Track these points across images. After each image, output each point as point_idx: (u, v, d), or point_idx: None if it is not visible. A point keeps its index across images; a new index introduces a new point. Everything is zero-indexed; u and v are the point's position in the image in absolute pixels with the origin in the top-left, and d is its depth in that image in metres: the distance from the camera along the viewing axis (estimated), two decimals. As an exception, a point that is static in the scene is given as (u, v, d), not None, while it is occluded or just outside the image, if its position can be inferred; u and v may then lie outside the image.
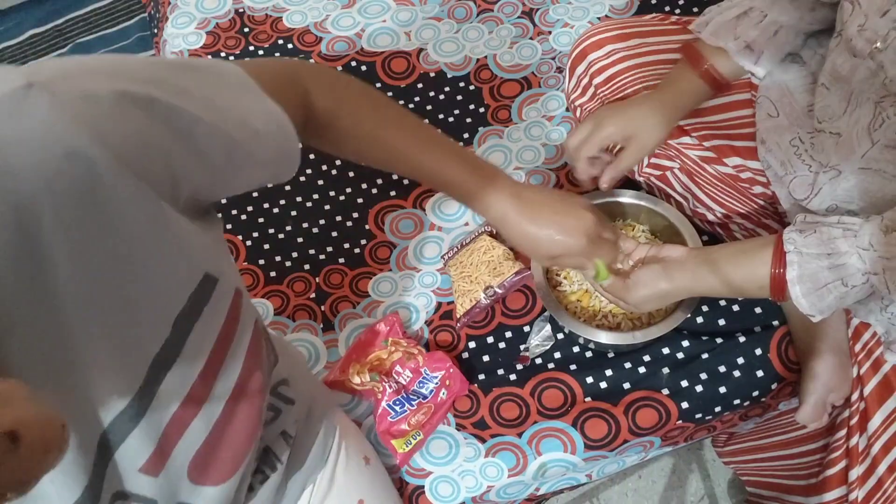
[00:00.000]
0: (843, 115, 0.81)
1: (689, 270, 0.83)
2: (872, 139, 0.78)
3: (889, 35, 0.72)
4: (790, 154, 0.92)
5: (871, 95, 0.77)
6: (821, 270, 0.73)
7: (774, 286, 0.76)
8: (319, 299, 1.11)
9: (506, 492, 1.00)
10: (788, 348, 1.02)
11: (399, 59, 1.33)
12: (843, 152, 0.82)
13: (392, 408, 0.97)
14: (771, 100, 0.96)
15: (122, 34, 2.00)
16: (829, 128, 0.84)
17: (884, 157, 0.77)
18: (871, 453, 0.90)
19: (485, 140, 1.24)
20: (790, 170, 0.92)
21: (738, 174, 0.99)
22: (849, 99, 0.80)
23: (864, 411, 0.91)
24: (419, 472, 0.98)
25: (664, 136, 0.93)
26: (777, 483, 1.13)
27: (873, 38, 0.73)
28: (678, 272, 0.83)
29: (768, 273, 0.76)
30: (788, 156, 0.92)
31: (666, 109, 0.93)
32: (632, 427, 0.99)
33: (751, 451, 1.19)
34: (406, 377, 1.00)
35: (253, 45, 1.36)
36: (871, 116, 0.77)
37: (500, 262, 1.04)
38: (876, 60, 0.74)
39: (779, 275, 0.75)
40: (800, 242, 0.74)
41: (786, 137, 0.93)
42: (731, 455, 1.27)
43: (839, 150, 0.83)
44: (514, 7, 1.37)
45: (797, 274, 0.74)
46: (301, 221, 1.18)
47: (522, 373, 1.03)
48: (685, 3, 1.34)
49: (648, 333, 0.94)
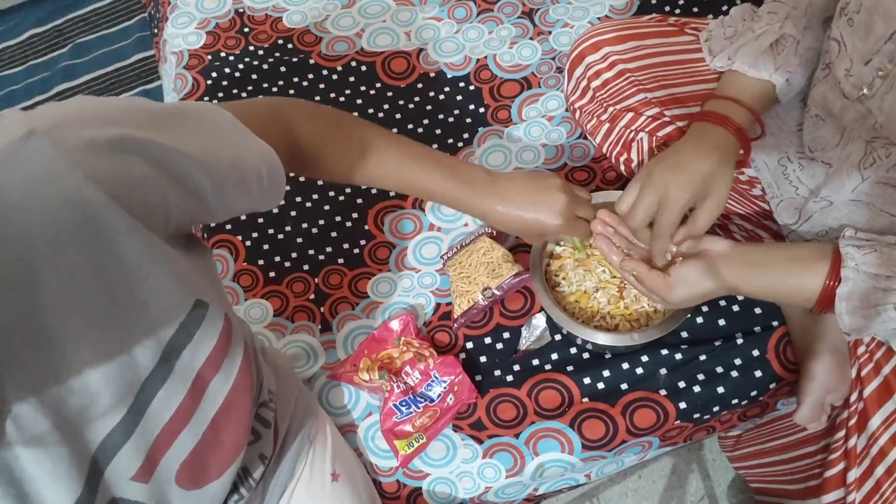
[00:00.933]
0: (836, 148, 0.81)
1: (737, 271, 0.78)
2: (863, 175, 0.77)
3: (874, 83, 0.71)
4: (778, 175, 0.91)
5: (862, 134, 0.76)
6: (874, 291, 0.70)
7: (823, 299, 0.73)
8: (319, 300, 1.11)
9: (504, 492, 1.01)
10: (787, 349, 1.02)
11: (399, 59, 1.33)
12: (833, 184, 0.82)
13: (398, 408, 0.97)
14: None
15: (122, 34, 2.00)
16: (822, 157, 0.83)
17: (874, 191, 0.77)
18: (869, 454, 0.90)
19: (485, 140, 1.24)
20: (776, 192, 0.92)
21: (737, 175, 0.99)
22: (842, 133, 0.80)
23: (864, 412, 0.91)
24: (417, 473, 0.98)
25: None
26: (777, 489, 1.13)
27: (859, 84, 0.73)
28: (725, 269, 0.78)
29: (821, 285, 0.73)
30: (777, 177, 0.92)
31: (728, 154, 0.84)
32: (630, 427, 0.99)
33: (755, 455, 1.19)
34: (415, 378, 0.99)
35: (253, 45, 1.36)
36: (862, 154, 0.77)
37: (500, 264, 1.04)
38: (865, 105, 0.73)
39: (830, 288, 0.72)
40: (859, 259, 0.71)
41: (773, 157, 0.92)
42: (739, 460, 1.26)
43: (830, 182, 0.82)
44: (514, 7, 1.37)
45: (848, 290, 0.71)
46: (300, 222, 1.18)
47: (519, 374, 1.03)
48: (685, 3, 1.34)
49: (647, 335, 0.94)
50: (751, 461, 1.21)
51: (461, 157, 1.23)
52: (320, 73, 1.32)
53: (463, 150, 1.24)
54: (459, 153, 1.23)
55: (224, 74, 1.32)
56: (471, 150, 1.24)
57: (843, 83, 0.75)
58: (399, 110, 1.29)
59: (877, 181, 0.76)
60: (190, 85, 1.31)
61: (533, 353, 1.04)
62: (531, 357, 1.04)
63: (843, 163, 0.80)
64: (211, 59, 1.34)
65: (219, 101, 1.29)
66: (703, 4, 1.33)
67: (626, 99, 1.04)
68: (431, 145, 1.24)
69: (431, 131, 1.26)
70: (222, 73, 1.32)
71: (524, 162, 1.21)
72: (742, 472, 1.29)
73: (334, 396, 1.03)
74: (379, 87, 1.31)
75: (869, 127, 0.75)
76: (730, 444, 1.27)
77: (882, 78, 0.70)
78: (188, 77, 1.32)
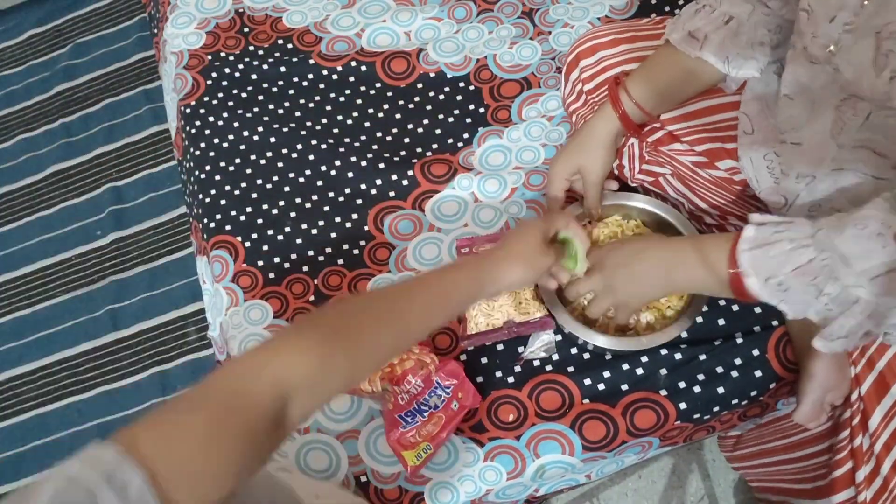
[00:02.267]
0: (806, 126, 0.82)
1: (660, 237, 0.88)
2: (837, 143, 0.78)
3: (840, 39, 0.73)
4: (762, 169, 0.92)
5: (832, 101, 0.77)
6: (773, 230, 0.72)
7: (730, 258, 0.75)
8: (318, 301, 1.11)
9: (505, 493, 1.00)
10: (786, 348, 1.02)
11: (399, 59, 1.33)
12: (811, 161, 0.82)
13: (403, 418, 0.96)
14: (749, 116, 0.96)
15: (122, 34, 2.00)
16: (791, 138, 0.84)
17: (853, 156, 0.78)
18: (874, 452, 0.90)
19: (485, 140, 1.24)
20: (756, 185, 0.93)
21: (732, 177, 0.99)
22: (811, 108, 0.81)
23: (864, 411, 0.91)
24: (418, 478, 0.98)
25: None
26: (785, 488, 1.13)
27: (826, 43, 0.74)
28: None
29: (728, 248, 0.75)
30: (760, 171, 0.93)
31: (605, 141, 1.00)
32: (630, 428, 0.99)
33: (757, 455, 1.19)
34: (417, 386, 0.99)
35: (253, 45, 1.36)
36: (831, 122, 0.78)
37: (529, 301, 1.04)
38: (833, 64, 0.74)
39: (734, 246, 0.74)
40: (767, 217, 0.75)
41: (760, 153, 0.93)
42: (739, 460, 1.26)
43: (804, 159, 0.83)
44: (514, 7, 1.37)
45: (752, 234, 0.73)
46: (300, 223, 1.18)
47: (520, 375, 1.03)
48: (685, 3, 1.33)
49: (654, 339, 0.95)
50: (753, 461, 1.21)
51: (461, 157, 1.23)
52: (320, 73, 1.32)
53: (463, 150, 1.24)
54: (459, 153, 1.23)
55: (224, 74, 1.32)
56: (471, 150, 1.24)
57: (809, 47, 0.77)
58: (399, 110, 1.29)
59: (852, 146, 0.77)
60: (190, 85, 1.31)
61: (533, 354, 1.04)
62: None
63: (815, 137, 0.81)
64: (211, 59, 1.34)
65: (218, 102, 1.29)
66: (703, 4, 1.33)
67: None
68: (431, 145, 1.25)
69: (431, 131, 1.26)
70: (222, 73, 1.32)
71: (524, 162, 1.21)
72: (742, 471, 1.29)
73: (336, 402, 1.02)
74: (379, 87, 1.31)
75: (837, 89, 0.76)
76: (729, 444, 1.27)
77: (849, 32, 0.71)
78: (188, 77, 1.32)
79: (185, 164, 1.31)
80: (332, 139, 1.26)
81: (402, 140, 1.26)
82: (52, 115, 1.92)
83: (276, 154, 1.25)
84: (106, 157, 1.84)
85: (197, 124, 1.28)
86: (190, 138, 1.28)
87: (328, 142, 1.26)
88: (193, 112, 1.30)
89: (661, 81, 0.97)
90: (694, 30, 0.93)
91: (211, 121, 1.28)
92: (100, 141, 1.86)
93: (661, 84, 0.97)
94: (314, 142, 1.25)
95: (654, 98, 0.97)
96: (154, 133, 1.85)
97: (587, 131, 1.01)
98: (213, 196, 1.21)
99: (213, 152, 1.25)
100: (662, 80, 0.97)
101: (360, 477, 0.98)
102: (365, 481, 0.98)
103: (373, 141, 1.26)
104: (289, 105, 1.30)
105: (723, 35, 0.91)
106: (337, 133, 1.27)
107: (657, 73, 0.98)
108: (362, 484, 0.98)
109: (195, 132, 1.28)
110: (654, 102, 0.98)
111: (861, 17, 0.70)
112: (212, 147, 1.26)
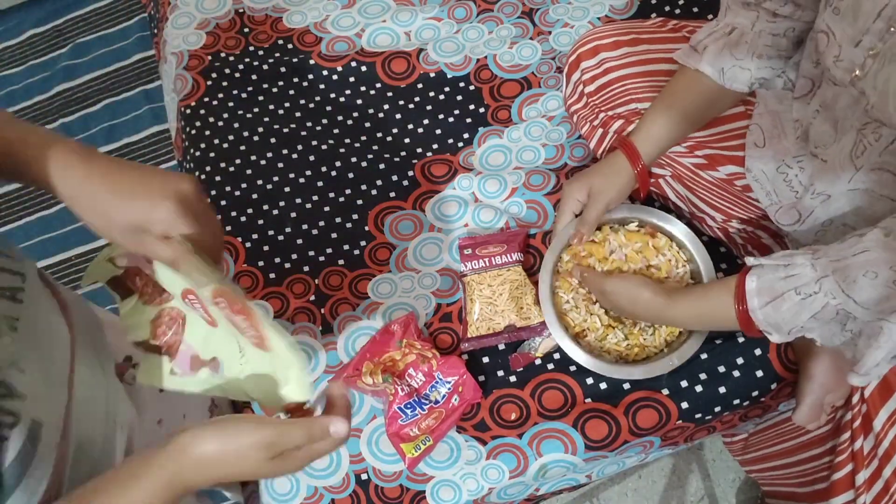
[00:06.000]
0: (833, 144, 0.82)
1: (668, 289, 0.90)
2: (856, 165, 0.78)
3: (866, 63, 0.72)
4: (778, 182, 0.92)
5: (854, 123, 0.77)
6: (777, 281, 0.74)
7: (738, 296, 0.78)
8: (319, 301, 1.11)
9: (506, 493, 1.01)
10: (788, 349, 1.02)
11: (399, 59, 1.33)
12: (828, 179, 0.83)
13: (403, 411, 0.96)
14: (762, 128, 0.96)
15: (122, 34, 2.00)
16: (822, 154, 0.84)
17: (869, 178, 0.78)
18: (877, 455, 0.90)
19: (485, 140, 1.24)
20: (775, 199, 0.93)
21: (733, 180, 0.99)
22: (835, 126, 0.81)
23: (867, 413, 0.91)
24: (420, 476, 0.98)
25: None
26: (790, 492, 1.13)
27: (851, 67, 0.74)
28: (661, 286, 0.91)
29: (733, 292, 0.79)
30: (776, 183, 0.93)
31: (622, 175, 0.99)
32: (632, 427, 0.99)
33: (764, 458, 1.19)
34: (419, 380, 0.99)
35: (253, 46, 1.35)
36: (852, 144, 0.78)
37: (530, 306, 1.04)
38: (857, 87, 0.74)
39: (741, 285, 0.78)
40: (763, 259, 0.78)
41: (771, 166, 0.93)
42: (750, 463, 1.26)
43: (824, 175, 0.83)
44: (514, 7, 1.37)
45: (756, 286, 0.76)
46: (300, 223, 1.18)
47: (522, 374, 1.03)
48: (685, 3, 1.33)
49: (650, 371, 0.97)
50: (761, 464, 1.21)
51: (461, 157, 1.23)
52: (320, 73, 1.32)
53: (463, 150, 1.24)
54: (459, 153, 1.23)
55: (224, 75, 1.32)
56: (471, 150, 1.24)
57: (832, 70, 0.76)
58: (399, 110, 1.29)
59: (871, 169, 0.77)
60: (190, 85, 1.31)
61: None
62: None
63: (836, 157, 0.81)
64: (211, 59, 1.34)
65: (218, 103, 1.29)
66: (702, 4, 1.33)
67: (617, 106, 1.05)
68: (431, 145, 1.25)
69: (431, 131, 1.26)
70: (222, 73, 1.32)
71: (524, 162, 1.21)
72: (754, 475, 1.28)
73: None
74: (379, 87, 1.31)
75: (860, 112, 0.76)
76: (738, 447, 1.27)
77: (873, 57, 0.71)
78: (188, 77, 1.32)
79: (185, 164, 1.31)
80: (333, 139, 1.26)
81: (402, 140, 1.26)
82: (52, 115, 1.91)
83: (277, 155, 1.25)
84: (106, 158, 1.84)
85: (197, 125, 1.28)
86: (190, 139, 1.28)
87: (328, 142, 1.26)
88: (193, 113, 1.30)
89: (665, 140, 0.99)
90: (696, 43, 0.93)
91: (211, 121, 1.28)
92: (100, 141, 1.86)
93: (664, 143, 0.99)
94: (314, 142, 1.25)
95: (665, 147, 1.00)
96: (154, 133, 1.86)
97: (611, 161, 1.00)
98: (214, 197, 1.21)
99: (214, 153, 1.25)
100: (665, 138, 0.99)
101: (362, 475, 0.98)
102: (366, 479, 0.98)
103: (373, 141, 1.26)
104: (289, 105, 1.30)
105: (721, 45, 0.91)
106: (337, 133, 1.27)
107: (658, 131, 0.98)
108: (364, 482, 0.98)
109: (195, 133, 1.28)
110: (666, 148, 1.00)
111: (887, 42, 0.69)
112: (212, 148, 1.26)
